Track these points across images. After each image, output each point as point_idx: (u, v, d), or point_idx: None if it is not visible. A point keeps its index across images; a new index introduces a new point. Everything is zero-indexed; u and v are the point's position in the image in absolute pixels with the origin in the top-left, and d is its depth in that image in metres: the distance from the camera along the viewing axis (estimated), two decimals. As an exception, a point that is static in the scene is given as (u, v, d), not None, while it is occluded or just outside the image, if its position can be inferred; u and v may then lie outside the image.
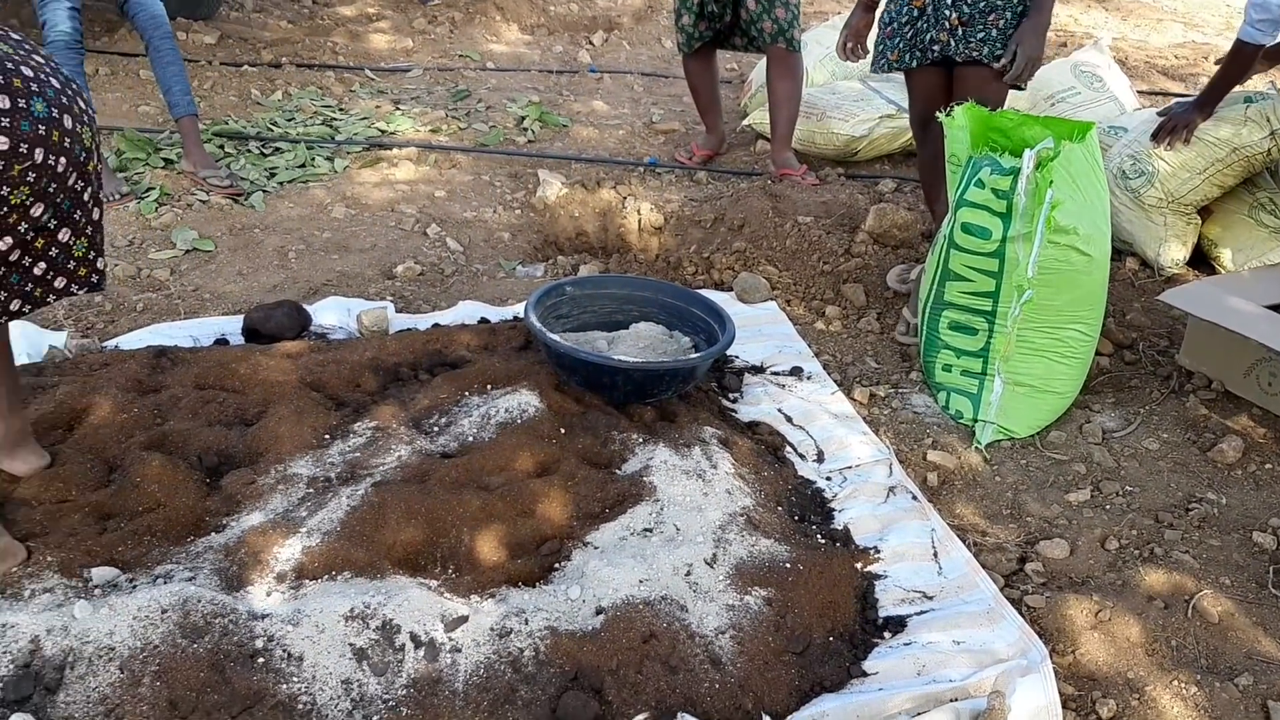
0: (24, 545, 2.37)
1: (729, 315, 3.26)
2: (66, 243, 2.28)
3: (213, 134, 5.32)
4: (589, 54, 7.36)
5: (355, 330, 3.62)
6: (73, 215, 2.25)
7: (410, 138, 5.57)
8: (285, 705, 2.07)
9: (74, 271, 2.36)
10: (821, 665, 2.36)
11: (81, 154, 2.18)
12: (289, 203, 4.77)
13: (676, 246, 4.32)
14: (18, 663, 2.05)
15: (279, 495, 2.61)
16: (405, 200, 4.87)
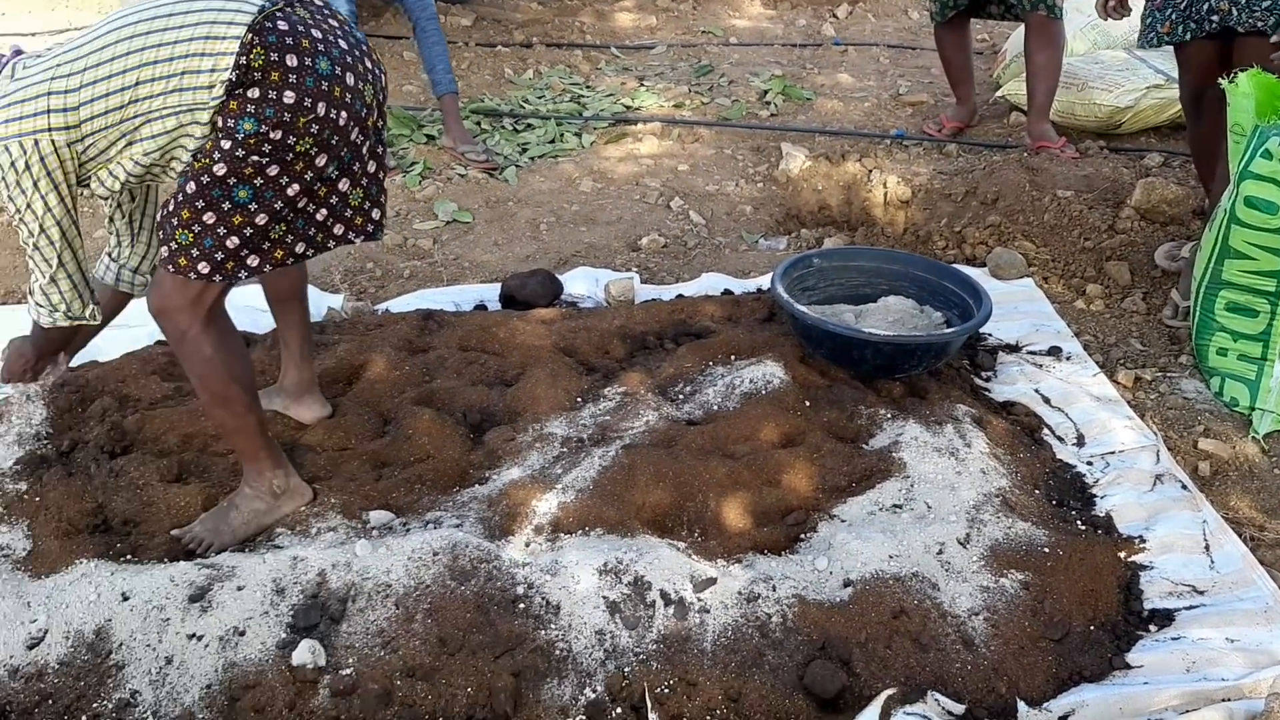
0: (310, 487, 2.57)
1: (985, 291, 3.15)
2: (345, 191, 2.37)
3: (470, 111, 5.57)
4: (833, 27, 7.24)
5: (603, 299, 3.72)
6: (351, 166, 2.37)
7: (654, 113, 5.65)
8: (544, 650, 2.16)
9: (351, 220, 2.44)
10: (1081, 654, 2.26)
11: (362, 109, 2.30)
12: (540, 177, 4.94)
13: (925, 220, 4.21)
14: (307, 593, 2.24)
15: (535, 452, 2.72)
16: (649, 174, 4.96)
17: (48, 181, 2.19)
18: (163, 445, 2.78)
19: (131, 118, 2.18)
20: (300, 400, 2.83)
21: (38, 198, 2.19)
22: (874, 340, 2.91)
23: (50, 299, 2.37)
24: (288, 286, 2.77)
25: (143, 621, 2.18)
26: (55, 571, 2.31)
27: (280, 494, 2.51)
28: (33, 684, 2.12)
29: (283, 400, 2.84)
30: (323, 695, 2.09)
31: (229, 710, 2.07)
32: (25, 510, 2.52)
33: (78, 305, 2.40)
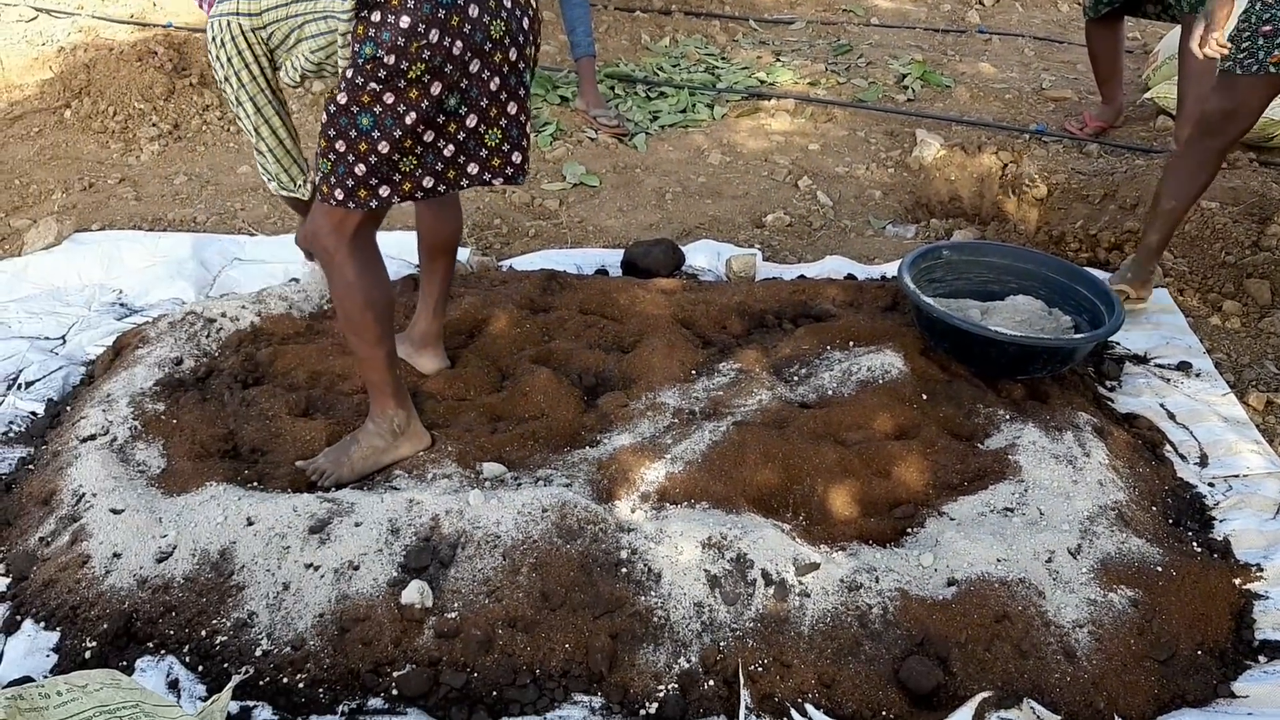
0: (431, 434, 2.65)
1: (1118, 298, 3.06)
2: (476, 129, 2.34)
3: (605, 75, 5.60)
4: (978, 14, 7.06)
5: (723, 274, 3.72)
6: (479, 102, 2.34)
7: (788, 89, 5.60)
8: (642, 616, 2.20)
9: (487, 160, 2.41)
10: (1186, 678, 2.20)
11: (485, 42, 2.26)
12: (669, 146, 4.95)
13: (1059, 220, 4.10)
14: (420, 536, 2.31)
15: (647, 421, 2.75)
16: (779, 151, 4.92)
17: (239, 59, 2.36)
18: (292, 380, 2.90)
19: (297, 15, 2.29)
20: (423, 351, 2.92)
21: (232, 72, 2.38)
22: (1000, 339, 2.86)
23: (264, 168, 2.57)
24: (444, 240, 2.83)
25: (265, 547, 2.29)
26: (186, 491, 2.43)
27: (400, 433, 2.59)
28: (159, 595, 2.24)
29: (407, 349, 2.92)
30: (427, 635, 2.17)
31: (338, 640, 2.16)
32: (162, 430, 2.66)
33: (285, 178, 2.57)
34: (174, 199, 4.28)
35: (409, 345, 2.93)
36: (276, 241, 3.88)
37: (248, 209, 4.22)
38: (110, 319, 3.37)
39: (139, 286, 3.55)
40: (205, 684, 2.11)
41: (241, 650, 2.16)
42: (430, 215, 2.81)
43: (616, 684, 2.12)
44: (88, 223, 4.02)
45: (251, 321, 3.14)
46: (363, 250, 2.44)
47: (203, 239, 3.84)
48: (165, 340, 3.00)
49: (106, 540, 2.32)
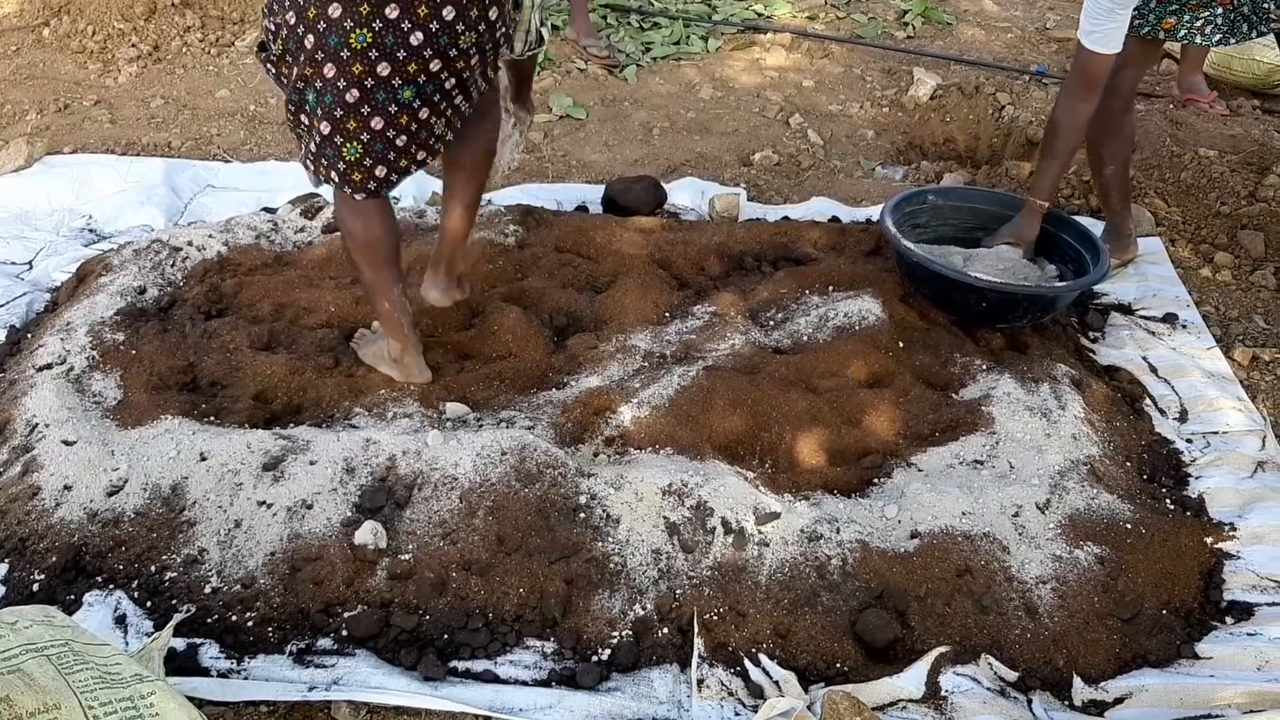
0: (431, 370, 2.62)
1: (1105, 249, 2.99)
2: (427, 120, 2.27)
3: (597, 4, 5.46)
4: (986, -52, 6.87)
5: (706, 213, 3.64)
6: (433, 98, 2.24)
7: (786, 23, 5.46)
8: (598, 561, 2.16)
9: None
10: (1149, 637, 2.17)
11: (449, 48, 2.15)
12: (660, 79, 4.83)
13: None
14: (376, 476, 2.27)
15: (616, 363, 2.70)
16: (772, 87, 4.81)
17: None
18: (256, 312, 2.84)
19: None
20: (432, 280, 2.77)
21: None
22: (979, 285, 2.79)
23: None
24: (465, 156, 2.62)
25: (217, 483, 2.25)
26: (141, 424, 2.39)
27: (395, 363, 2.58)
28: (109, 529, 2.20)
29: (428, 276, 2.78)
30: (380, 577, 2.14)
31: (289, 579, 2.13)
32: (120, 361, 2.61)
33: None
34: (149, 123, 4.19)
35: (429, 273, 2.78)
36: (251, 169, 3.80)
37: (224, 134, 4.13)
38: (78, 245, 3.31)
39: (109, 212, 3.48)
40: (152, 620, 2.08)
41: (190, 587, 2.13)
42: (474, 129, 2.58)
43: (570, 629, 2.10)
44: (60, 145, 3.94)
45: (219, 251, 3.08)
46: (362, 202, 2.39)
47: (176, 164, 3.75)
48: (129, 268, 2.94)
49: (58, 472, 2.28)
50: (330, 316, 2.84)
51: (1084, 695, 2.06)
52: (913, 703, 2.00)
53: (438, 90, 2.24)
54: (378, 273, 2.45)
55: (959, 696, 1.99)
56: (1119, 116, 3.15)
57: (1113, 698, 2.06)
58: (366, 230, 2.41)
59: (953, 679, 2.02)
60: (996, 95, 4.51)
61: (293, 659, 2.03)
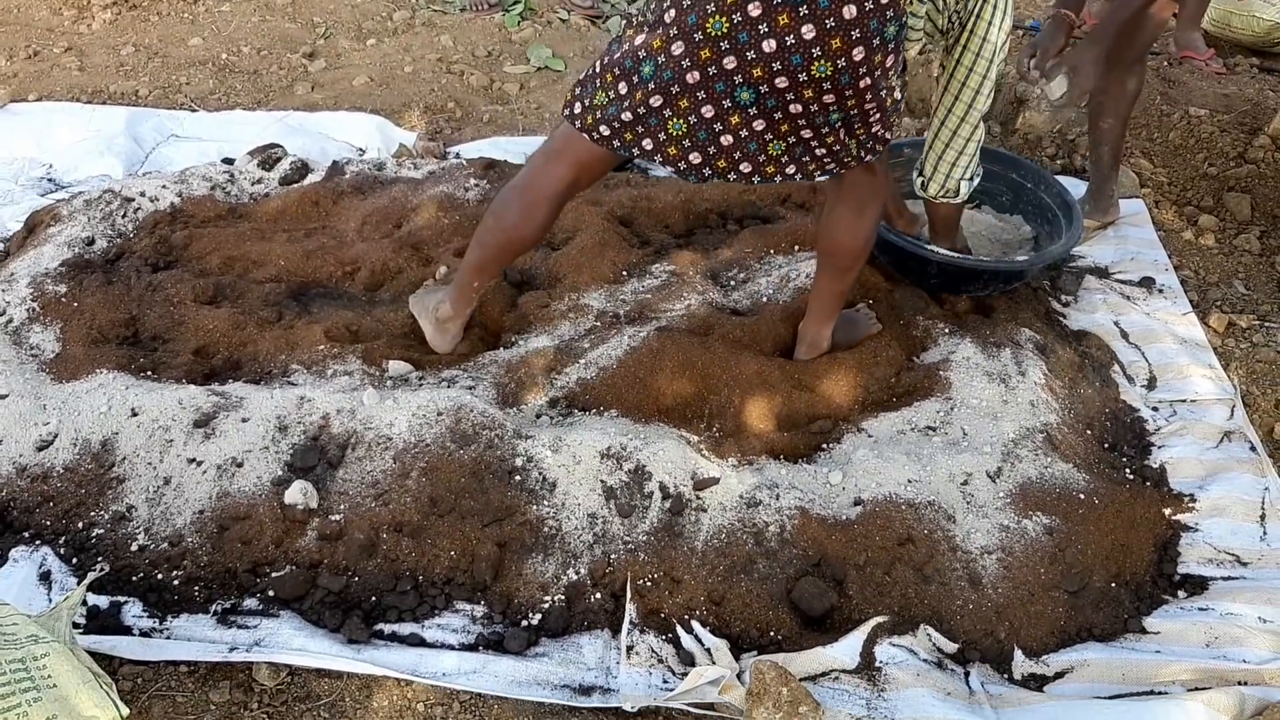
0: (454, 344, 2.58)
1: (1080, 213, 2.90)
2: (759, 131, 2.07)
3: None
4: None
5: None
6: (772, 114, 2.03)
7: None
8: (532, 525, 2.12)
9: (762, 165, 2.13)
10: (1095, 611, 2.12)
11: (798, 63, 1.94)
12: (644, 31, 4.72)
13: (1040, 123, 3.90)
14: (309, 434, 2.23)
15: (568, 323, 2.64)
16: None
17: None
18: (204, 265, 2.79)
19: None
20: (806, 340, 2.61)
21: None
22: (934, 258, 2.70)
23: None
24: (832, 248, 2.43)
25: (147, 439, 2.21)
26: (75, 378, 2.35)
27: (439, 324, 2.55)
28: (37, 484, 2.17)
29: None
30: (309, 537, 2.10)
31: (217, 538, 2.09)
32: (60, 313, 2.56)
33: None
34: (118, 70, 4.11)
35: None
36: (217, 118, 3.73)
37: (193, 84, 4.05)
38: (34, 194, 3.25)
39: (69, 162, 3.42)
40: (77, 576, 2.05)
41: (117, 544, 2.09)
42: (837, 216, 2.41)
43: (500, 593, 2.06)
44: (25, 93, 3.88)
45: (172, 202, 3.02)
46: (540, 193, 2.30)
47: (139, 113, 3.69)
48: (78, 219, 2.89)
49: (-13, 426, 2.25)
50: (280, 270, 2.78)
51: (1024, 669, 2.02)
52: (845, 673, 1.95)
53: (780, 108, 2.03)
54: (496, 261, 2.43)
55: (893, 668, 1.95)
56: (1128, 67, 3.04)
57: (1054, 672, 2.02)
58: (525, 222, 2.31)
59: (888, 650, 1.97)
60: (987, 51, 4.39)
61: (216, 619, 1.99)
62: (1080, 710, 1.90)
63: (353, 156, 3.45)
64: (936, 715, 1.87)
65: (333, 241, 2.90)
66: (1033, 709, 1.91)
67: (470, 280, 2.47)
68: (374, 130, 3.64)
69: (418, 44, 4.44)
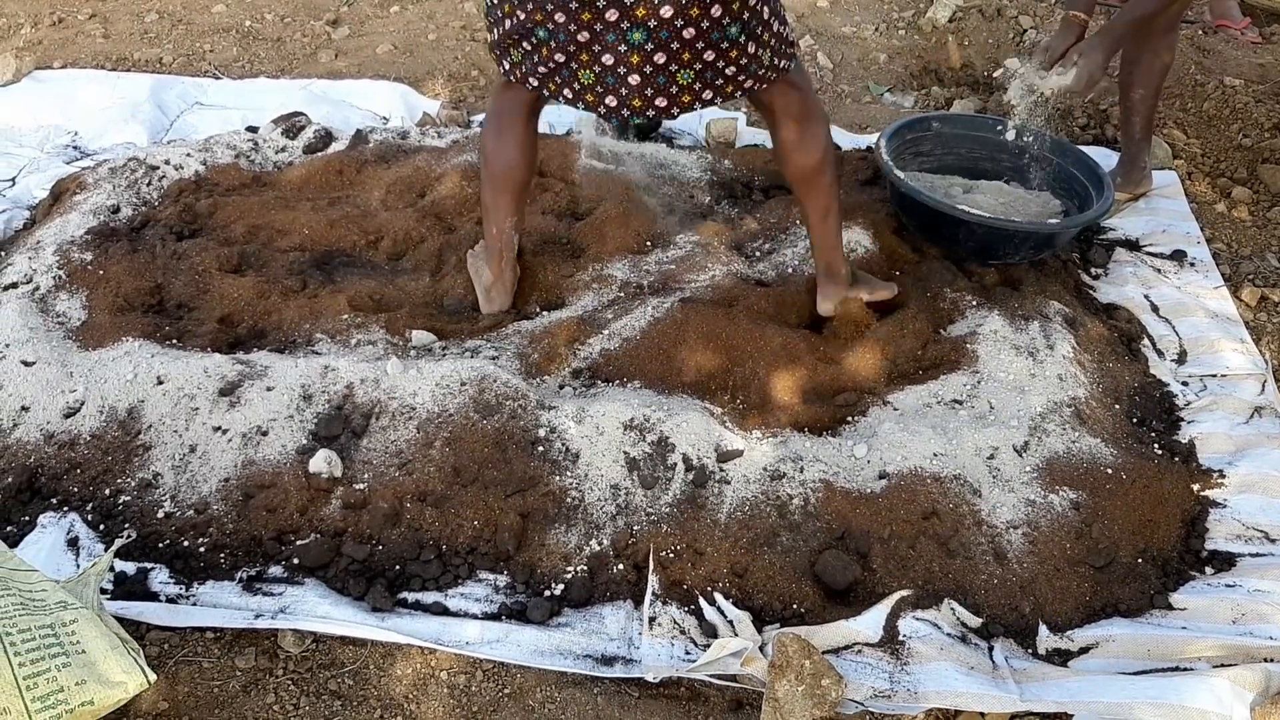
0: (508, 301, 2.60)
1: (1110, 184, 2.85)
2: (563, 63, 2.15)
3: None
4: None
5: (702, 138, 3.53)
6: (565, 45, 2.10)
7: (805, -59, 5.26)
8: (555, 495, 2.12)
9: (580, 93, 2.19)
10: (1121, 586, 2.11)
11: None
12: None
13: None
14: (333, 404, 2.23)
15: (591, 293, 2.63)
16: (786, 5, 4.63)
17: None
18: (229, 234, 2.79)
19: None
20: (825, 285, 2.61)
21: None
22: (967, 219, 2.68)
23: None
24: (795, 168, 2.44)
25: (173, 407, 2.22)
26: (101, 345, 2.36)
27: (482, 284, 2.60)
28: (65, 451, 2.18)
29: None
30: (334, 505, 2.11)
31: (242, 506, 2.10)
32: (86, 281, 2.57)
33: None
34: (142, 37, 4.11)
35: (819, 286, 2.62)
36: (241, 86, 3.73)
37: (217, 50, 4.05)
38: (60, 162, 3.26)
39: (94, 129, 3.43)
40: (105, 543, 2.06)
41: (144, 511, 2.11)
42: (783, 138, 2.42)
43: (523, 563, 2.06)
44: (50, 60, 3.88)
45: (196, 170, 3.02)
46: (501, 120, 2.43)
47: (164, 80, 3.68)
48: (104, 186, 2.89)
49: (15, 392, 2.26)
50: (304, 239, 2.78)
51: (1048, 643, 2.00)
52: (868, 646, 1.95)
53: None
54: (494, 198, 2.50)
55: (916, 642, 1.94)
56: (1161, 36, 2.99)
57: (1078, 647, 2.00)
58: (498, 155, 2.44)
59: (912, 624, 1.97)
60: (1019, 19, 4.33)
61: (242, 586, 2.01)
62: (1105, 685, 1.89)
63: (376, 125, 3.43)
64: (960, 689, 1.86)
65: (356, 210, 2.90)
66: (1057, 684, 1.90)
67: (490, 230, 2.52)
68: (398, 99, 3.63)
69: (441, 11, 4.41)
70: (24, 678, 1.46)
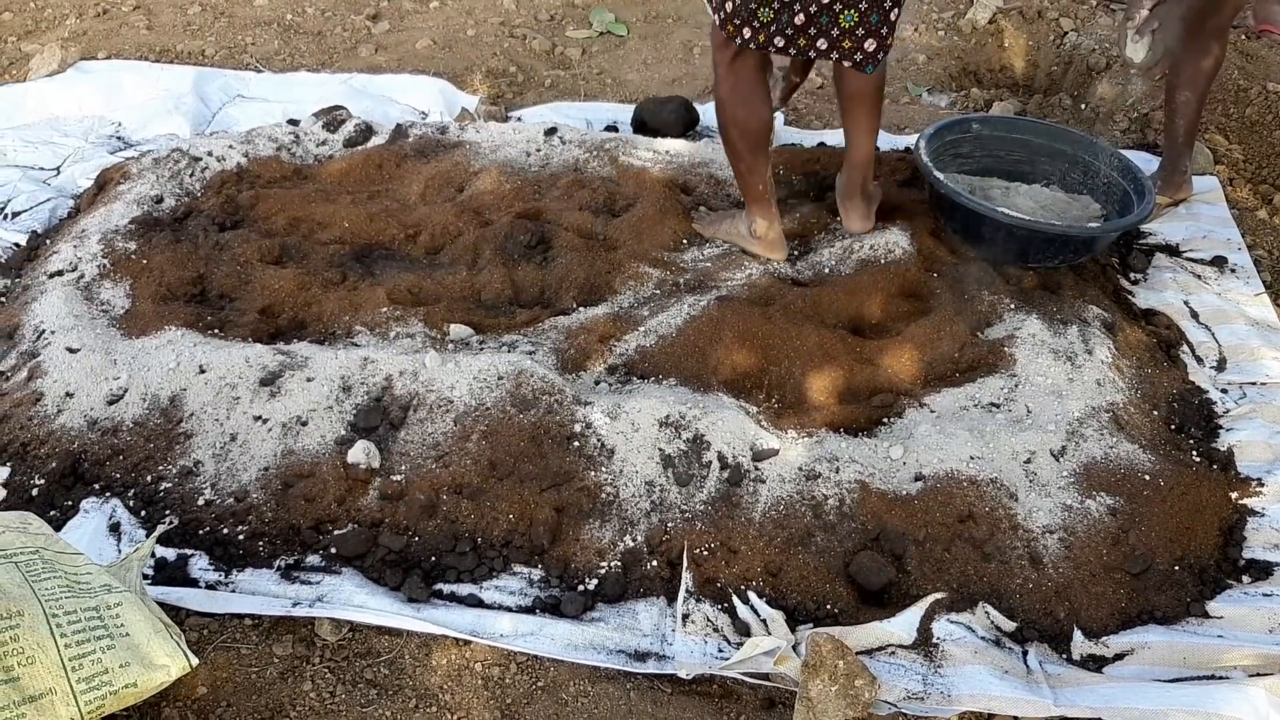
0: (786, 248, 2.79)
1: (1151, 188, 2.83)
2: (829, 5, 2.40)
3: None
4: None
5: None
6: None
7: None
8: (590, 491, 2.13)
9: (838, 40, 2.47)
10: (1158, 593, 2.09)
11: None
12: (707, -4, 4.67)
13: (1113, 96, 3.81)
14: (372, 395, 2.25)
15: (628, 291, 2.63)
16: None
17: None
18: (270, 225, 2.82)
19: None
20: (847, 203, 2.87)
21: None
22: (1008, 222, 2.66)
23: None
24: (850, 89, 2.72)
25: (214, 396, 2.25)
26: (145, 334, 2.39)
27: (757, 237, 2.76)
28: (108, 438, 2.21)
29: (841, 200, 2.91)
30: (371, 496, 2.13)
31: (282, 495, 2.13)
32: (130, 270, 2.60)
33: None
34: (185, 30, 4.16)
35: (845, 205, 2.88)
36: (282, 79, 3.76)
37: (258, 44, 4.08)
38: (104, 152, 3.30)
39: (137, 120, 3.47)
40: (146, 529, 2.09)
41: (185, 498, 2.14)
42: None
43: (558, 557, 2.07)
44: (95, 51, 3.93)
45: (238, 162, 3.05)
46: (737, 76, 2.57)
47: (206, 73, 3.72)
48: (147, 177, 2.93)
49: (60, 379, 2.30)
50: (344, 232, 2.81)
51: (1083, 649, 2.00)
52: (902, 648, 1.95)
53: None
54: (753, 154, 2.65)
55: (950, 644, 1.94)
56: (1210, 38, 2.96)
57: (1113, 653, 1.99)
58: (753, 116, 2.60)
59: (946, 626, 1.96)
60: (1060, 20, 4.30)
61: (280, 574, 2.03)
62: (1140, 692, 1.88)
63: (416, 120, 3.46)
64: (993, 693, 1.86)
65: (395, 204, 2.92)
66: (1091, 689, 1.89)
67: (755, 186, 2.69)
68: (436, 94, 3.65)
69: (480, 6, 4.43)
70: (70, 659, 1.48)
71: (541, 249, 2.76)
